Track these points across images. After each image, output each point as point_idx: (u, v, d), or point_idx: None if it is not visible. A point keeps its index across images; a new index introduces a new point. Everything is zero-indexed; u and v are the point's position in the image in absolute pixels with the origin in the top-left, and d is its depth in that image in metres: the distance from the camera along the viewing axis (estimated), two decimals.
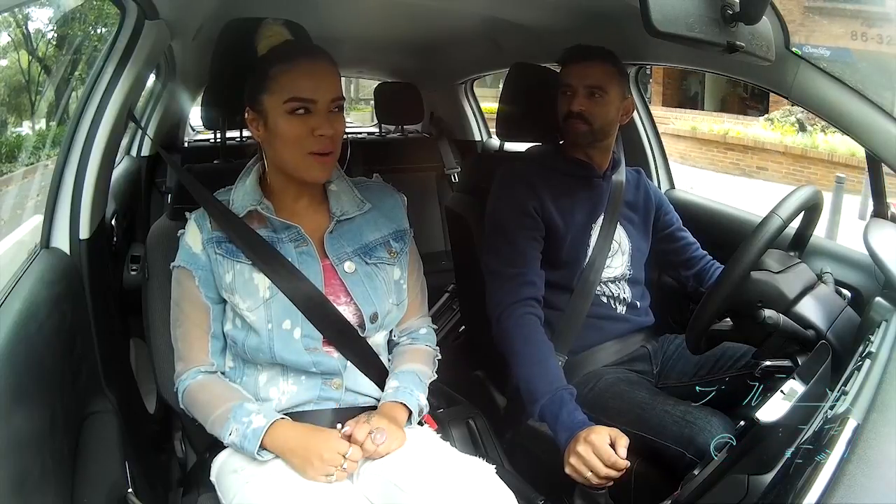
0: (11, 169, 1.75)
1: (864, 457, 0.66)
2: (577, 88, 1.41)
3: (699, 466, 1.01)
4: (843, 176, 6.54)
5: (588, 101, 1.41)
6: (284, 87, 1.01)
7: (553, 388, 1.20)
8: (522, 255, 1.38)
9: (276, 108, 1.02)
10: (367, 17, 1.92)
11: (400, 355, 1.19)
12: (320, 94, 1.02)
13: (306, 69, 1.02)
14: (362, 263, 1.12)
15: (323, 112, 1.03)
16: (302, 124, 1.02)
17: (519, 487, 1.07)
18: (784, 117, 9.62)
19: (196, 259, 1.09)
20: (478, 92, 3.02)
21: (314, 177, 1.07)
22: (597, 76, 1.41)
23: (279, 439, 1.00)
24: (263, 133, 1.06)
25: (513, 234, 1.40)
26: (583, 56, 1.43)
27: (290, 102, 1.01)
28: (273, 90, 1.02)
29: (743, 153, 9.22)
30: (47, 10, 2.12)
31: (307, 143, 1.02)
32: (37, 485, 0.78)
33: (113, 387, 1.12)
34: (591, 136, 1.44)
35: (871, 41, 8.59)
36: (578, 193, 1.47)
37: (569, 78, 1.44)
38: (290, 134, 1.02)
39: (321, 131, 1.02)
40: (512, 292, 1.34)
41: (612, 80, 1.42)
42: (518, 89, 1.64)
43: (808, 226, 1.26)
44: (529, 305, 1.34)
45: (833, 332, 1.09)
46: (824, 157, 8.34)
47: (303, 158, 1.04)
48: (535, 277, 1.38)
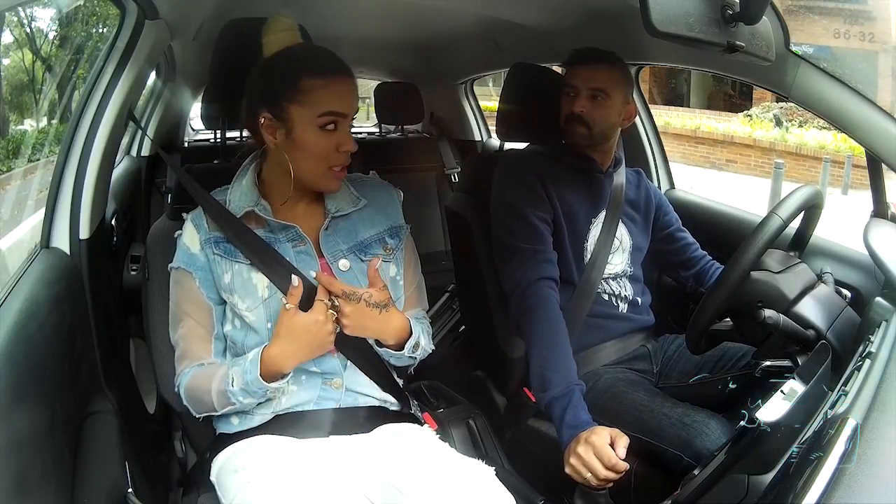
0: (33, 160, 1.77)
1: (864, 457, 0.66)
2: (580, 90, 1.41)
3: (699, 466, 1.01)
4: (781, 162, 7.38)
5: (590, 103, 1.41)
6: (320, 101, 1.02)
7: (566, 381, 1.20)
8: (538, 233, 1.38)
9: (307, 120, 1.02)
10: (367, 16, 1.92)
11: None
12: (350, 108, 1.05)
13: (341, 85, 1.04)
14: (357, 260, 1.12)
15: (346, 127, 1.05)
16: (330, 140, 1.03)
17: (519, 488, 1.07)
18: (763, 113, 9.79)
19: (195, 260, 1.09)
20: (478, 91, 3.02)
21: (330, 188, 1.10)
22: (600, 79, 1.41)
23: (274, 351, 1.00)
24: (282, 141, 1.04)
25: (525, 211, 1.39)
26: (588, 58, 1.43)
27: (325, 117, 1.02)
28: (305, 102, 1.02)
29: (713, 146, 9.46)
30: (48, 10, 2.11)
31: (332, 158, 1.05)
32: (37, 485, 0.78)
33: (113, 387, 1.12)
34: (591, 139, 1.44)
35: (853, 39, 8.70)
36: (579, 186, 1.47)
37: (573, 79, 1.43)
38: (319, 148, 1.03)
39: (346, 147, 1.04)
40: (534, 268, 1.34)
41: (616, 84, 1.42)
42: (518, 89, 1.64)
43: (808, 226, 1.26)
44: (550, 286, 1.33)
45: (833, 332, 1.09)
46: (792, 149, 8.62)
47: (324, 172, 1.06)
48: (552, 256, 1.38)
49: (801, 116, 9.02)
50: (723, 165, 9.25)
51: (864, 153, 1.22)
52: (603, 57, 1.42)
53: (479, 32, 2.04)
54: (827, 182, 7.43)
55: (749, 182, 8.06)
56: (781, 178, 6.86)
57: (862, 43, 8.75)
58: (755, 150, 9.01)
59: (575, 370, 1.24)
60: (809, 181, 6.55)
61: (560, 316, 1.31)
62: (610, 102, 1.42)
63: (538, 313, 1.29)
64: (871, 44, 8.74)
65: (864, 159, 1.26)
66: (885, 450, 0.68)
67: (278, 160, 1.07)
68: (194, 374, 1.08)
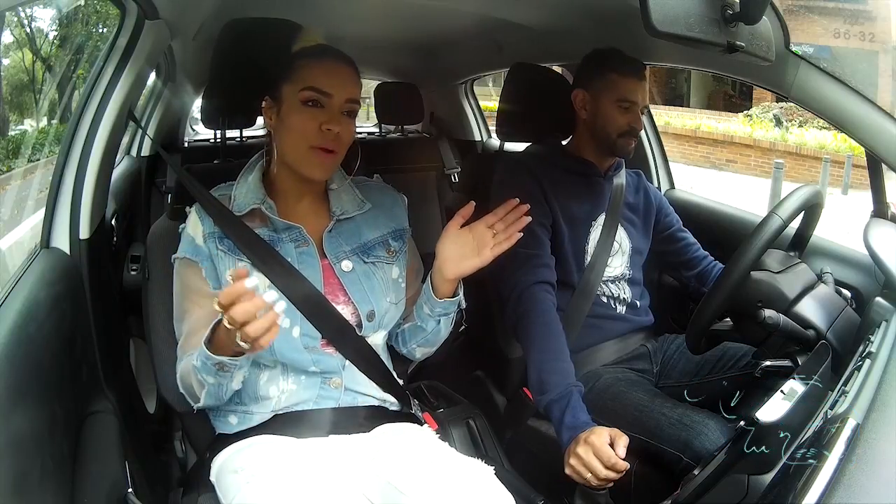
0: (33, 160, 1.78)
1: (864, 457, 0.66)
2: (638, 105, 1.42)
3: (699, 466, 1.01)
4: (781, 161, 7.36)
5: (641, 118, 1.44)
6: (305, 76, 1.04)
7: (564, 383, 1.20)
8: (535, 237, 1.38)
9: (292, 96, 1.04)
10: (367, 16, 1.92)
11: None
12: (336, 89, 1.04)
13: (330, 65, 1.06)
14: (360, 262, 1.12)
15: (336, 110, 1.04)
16: (312, 118, 1.03)
17: (519, 488, 1.08)
18: (763, 113, 9.82)
19: (200, 251, 1.09)
20: (478, 91, 3.02)
21: (312, 173, 1.07)
22: (645, 94, 1.43)
23: (220, 332, 0.92)
24: (275, 122, 1.07)
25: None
26: (642, 73, 1.44)
27: (307, 91, 1.03)
28: (293, 79, 1.04)
29: (713, 146, 9.48)
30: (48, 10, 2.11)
31: (313, 136, 1.04)
32: (36, 485, 0.78)
33: (113, 387, 1.12)
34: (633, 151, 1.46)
35: (853, 39, 8.72)
36: (579, 189, 1.47)
37: (631, 94, 1.41)
38: (299, 124, 1.04)
39: (329, 125, 1.03)
40: (530, 272, 1.34)
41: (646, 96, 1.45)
42: (518, 89, 1.64)
43: (808, 226, 1.26)
44: (546, 290, 1.33)
45: (833, 332, 1.09)
46: (792, 149, 8.65)
47: (305, 151, 1.04)
48: (549, 261, 1.38)
49: (801, 116, 9.04)
50: (723, 165, 9.28)
51: (864, 153, 1.22)
52: (644, 70, 1.44)
53: (480, 32, 2.04)
54: (827, 182, 7.45)
55: (749, 182, 8.08)
56: (781, 178, 6.90)
57: (862, 43, 8.78)
58: (755, 150, 9.03)
59: (573, 372, 1.24)
60: (809, 181, 6.61)
61: (556, 319, 1.31)
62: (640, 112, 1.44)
63: (534, 317, 1.29)
64: (871, 44, 8.77)
65: (864, 159, 1.26)
66: (885, 450, 0.68)
67: (276, 147, 1.09)
68: (185, 360, 1.07)
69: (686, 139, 9.57)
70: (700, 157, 9.42)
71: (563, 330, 1.30)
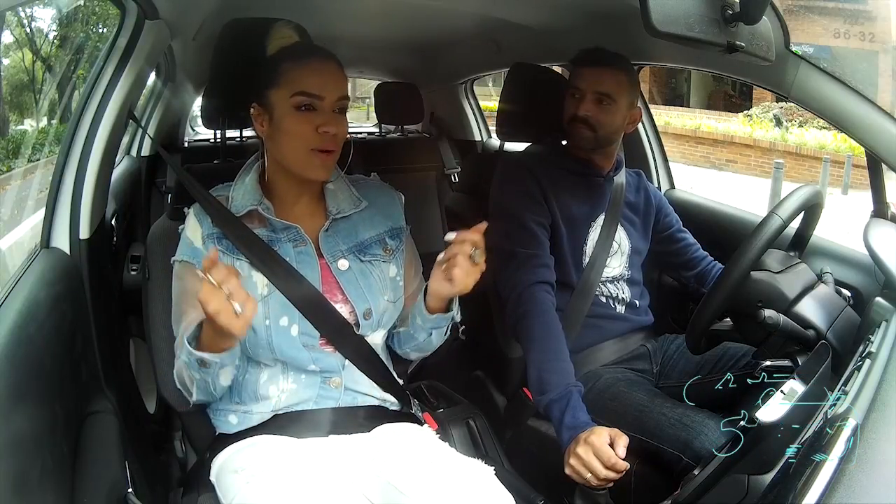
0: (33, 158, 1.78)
1: (864, 457, 0.66)
2: (587, 93, 1.40)
3: (699, 466, 1.01)
4: (781, 161, 7.41)
5: (595, 107, 1.39)
6: (293, 81, 1.02)
7: (564, 383, 1.20)
8: (534, 237, 1.37)
9: (283, 103, 1.03)
10: (367, 16, 1.92)
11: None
12: (327, 91, 1.03)
13: (316, 66, 1.04)
14: (356, 261, 1.13)
15: (328, 110, 1.04)
16: (307, 121, 1.03)
17: (519, 488, 1.08)
18: (763, 113, 9.82)
19: (198, 253, 1.08)
20: (478, 91, 3.02)
21: (315, 174, 1.07)
22: (608, 83, 1.39)
23: (205, 329, 0.94)
24: (268, 129, 1.06)
25: (521, 216, 1.39)
26: (596, 61, 1.41)
27: (298, 97, 1.02)
28: (281, 85, 1.03)
29: (713, 146, 9.48)
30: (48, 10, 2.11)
31: (311, 139, 1.03)
32: (37, 485, 0.78)
33: (113, 387, 1.12)
34: (595, 142, 1.42)
35: (853, 39, 8.73)
36: (578, 190, 1.46)
37: (579, 81, 1.41)
38: (295, 129, 1.03)
39: (325, 128, 1.03)
40: (529, 273, 1.33)
41: (623, 88, 1.40)
42: (518, 89, 1.64)
43: (808, 226, 1.26)
44: (546, 290, 1.33)
45: (833, 332, 1.09)
46: (792, 149, 8.64)
47: (305, 154, 1.04)
48: (549, 261, 1.37)
49: (801, 116, 9.03)
50: (723, 165, 9.28)
51: (864, 153, 1.22)
52: (611, 60, 1.40)
53: (480, 32, 2.04)
54: (827, 182, 7.44)
55: (749, 182, 8.08)
56: (781, 178, 6.90)
57: (862, 43, 8.78)
58: (755, 150, 9.03)
59: (572, 372, 1.24)
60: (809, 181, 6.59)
61: (556, 319, 1.31)
62: (616, 107, 1.40)
63: (534, 317, 1.29)
64: (871, 44, 8.77)
65: (864, 159, 1.26)
66: (885, 450, 0.68)
67: (269, 151, 1.08)
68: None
69: (686, 139, 9.57)
70: (700, 157, 9.42)
71: (562, 331, 1.30)
